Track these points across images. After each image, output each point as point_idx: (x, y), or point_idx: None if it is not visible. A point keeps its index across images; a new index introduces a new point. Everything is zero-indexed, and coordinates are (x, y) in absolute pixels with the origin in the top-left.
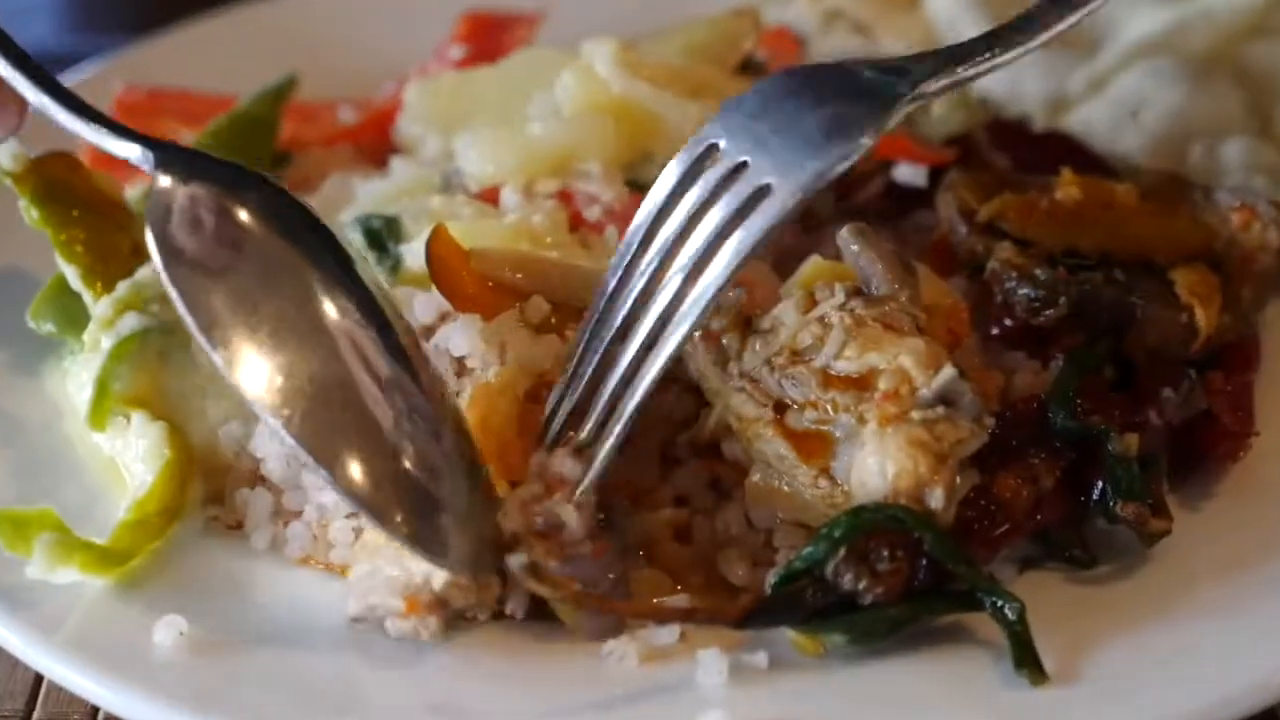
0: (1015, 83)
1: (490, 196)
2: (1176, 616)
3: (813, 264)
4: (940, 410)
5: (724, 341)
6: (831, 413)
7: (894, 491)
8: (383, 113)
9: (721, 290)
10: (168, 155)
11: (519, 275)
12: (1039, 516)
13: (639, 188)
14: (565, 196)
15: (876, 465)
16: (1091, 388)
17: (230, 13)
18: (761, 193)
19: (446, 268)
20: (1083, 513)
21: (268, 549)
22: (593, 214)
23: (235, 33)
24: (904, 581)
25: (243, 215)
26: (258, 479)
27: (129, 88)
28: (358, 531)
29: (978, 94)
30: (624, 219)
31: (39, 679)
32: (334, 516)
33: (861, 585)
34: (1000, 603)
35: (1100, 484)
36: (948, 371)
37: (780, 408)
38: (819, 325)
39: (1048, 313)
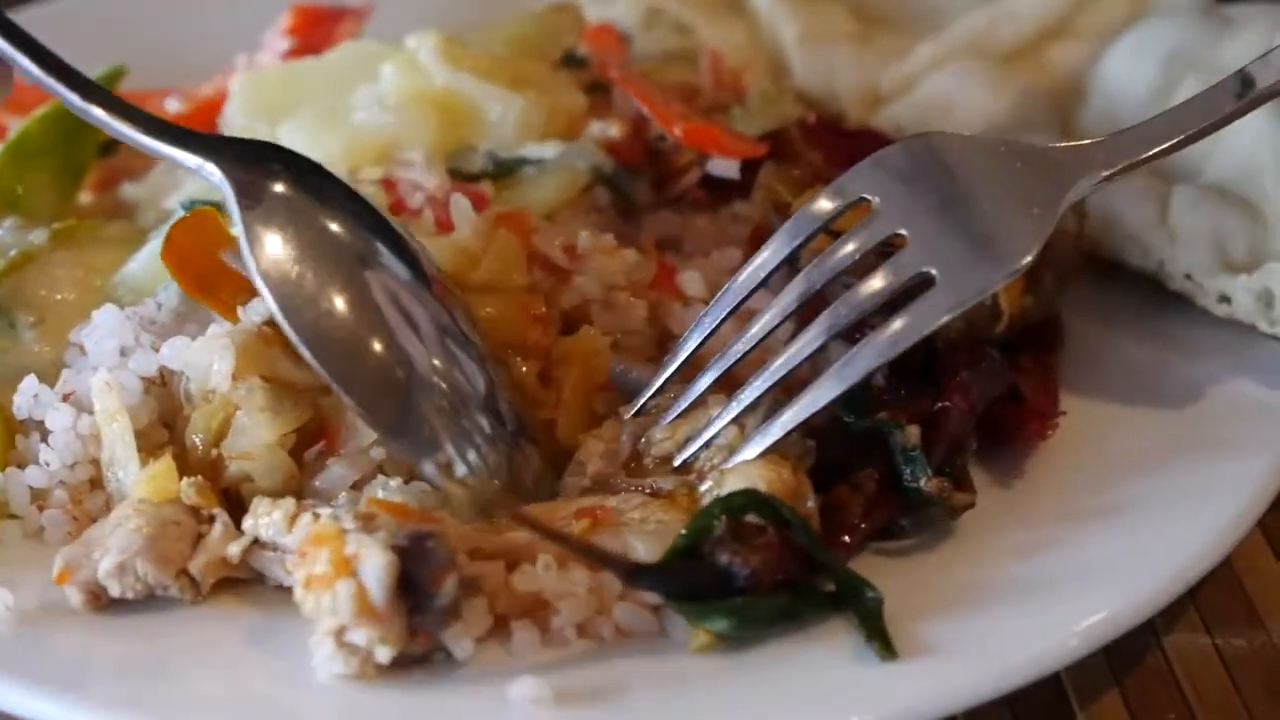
0: (829, 79)
1: None
2: (981, 586)
3: None
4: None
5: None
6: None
7: None
8: (210, 103)
9: (857, 384)
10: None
11: None
12: (876, 519)
13: (461, 176)
14: (388, 184)
15: (744, 484)
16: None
17: (56, 1)
18: (921, 282)
19: (179, 251)
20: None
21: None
22: (415, 200)
23: (61, 22)
24: (776, 557)
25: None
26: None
27: None
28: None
29: (793, 89)
30: (444, 205)
31: None
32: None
33: (737, 560)
34: (865, 593)
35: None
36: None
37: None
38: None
39: None
